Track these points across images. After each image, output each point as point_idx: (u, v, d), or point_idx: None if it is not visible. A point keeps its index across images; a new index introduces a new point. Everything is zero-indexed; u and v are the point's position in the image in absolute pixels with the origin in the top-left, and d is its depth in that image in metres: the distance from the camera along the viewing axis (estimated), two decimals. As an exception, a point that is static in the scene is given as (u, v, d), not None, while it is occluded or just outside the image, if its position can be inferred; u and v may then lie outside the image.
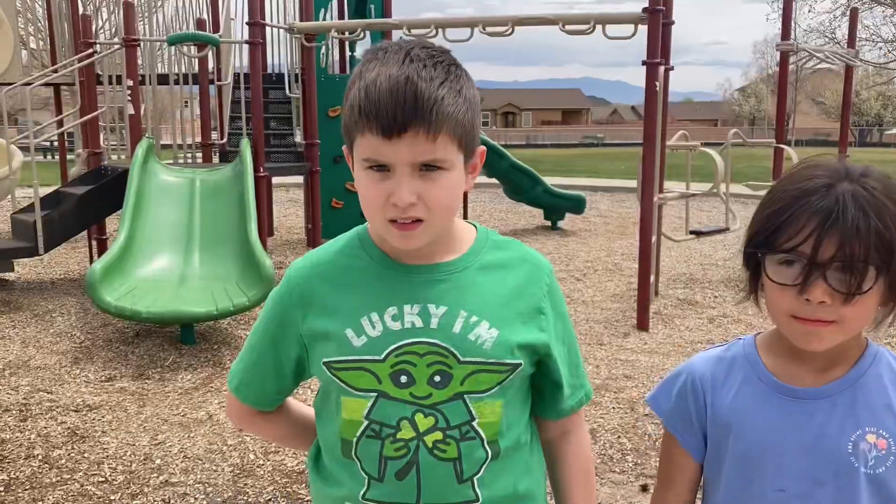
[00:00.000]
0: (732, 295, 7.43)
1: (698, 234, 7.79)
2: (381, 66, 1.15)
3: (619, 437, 4.17)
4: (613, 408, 4.57)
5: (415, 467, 1.22)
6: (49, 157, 22.71)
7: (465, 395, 1.22)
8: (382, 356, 1.22)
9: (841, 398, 1.26)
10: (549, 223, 11.68)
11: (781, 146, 8.36)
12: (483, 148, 1.28)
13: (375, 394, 1.23)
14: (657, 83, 5.78)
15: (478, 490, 1.24)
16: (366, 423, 1.24)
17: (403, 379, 1.22)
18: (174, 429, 4.18)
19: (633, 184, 17.64)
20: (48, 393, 4.72)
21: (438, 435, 1.22)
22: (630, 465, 3.83)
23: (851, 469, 1.23)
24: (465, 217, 11.35)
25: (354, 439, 1.25)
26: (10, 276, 7.59)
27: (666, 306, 6.88)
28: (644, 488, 3.58)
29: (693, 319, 6.50)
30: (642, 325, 6.14)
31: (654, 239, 6.33)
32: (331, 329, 1.25)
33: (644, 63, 5.78)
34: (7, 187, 9.18)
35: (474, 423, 1.23)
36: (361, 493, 1.25)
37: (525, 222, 12.23)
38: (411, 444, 1.22)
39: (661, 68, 5.99)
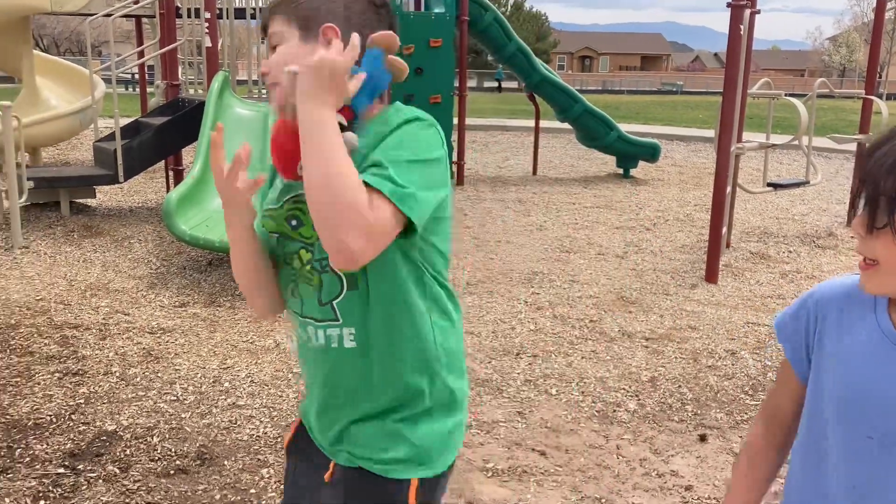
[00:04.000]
0: (808, 250, 7.21)
1: (776, 186, 7.54)
2: None
3: (679, 386, 4.14)
4: (675, 357, 4.53)
5: (297, 290, 1.49)
6: (129, 88, 23.31)
7: None
8: (280, 204, 1.48)
9: None
10: (620, 171, 11.47)
11: (871, 97, 7.96)
12: (330, 26, 1.40)
13: (277, 234, 1.50)
14: (741, 27, 5.55)
15: (337, 312, 1.45)
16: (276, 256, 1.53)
17: (294, 223, 1.46)
18: (242, 355, 4.33)
19: (712, 133, 17.13)
20: (125, 315, 4.93)
21: (308, 266, 1.46)
22: (689, 414, 3.81)
23: None
24: (535, 162, 11.24)
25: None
26: (91, 202, 7.89)
27: (737, 259, 6.72)
28: (702, 438, 3.56)
29: (764, 274, 6.34)
30: (711, 277, 6.02)
31: (728, 190, 6.16)
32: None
33: (729, 5, 5.54)
34: (90, 117, 9.49)
35: None
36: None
37: (596, 169, 12.03)
38: (296, 272, 1.48)
39: (747, 11, 5.74)
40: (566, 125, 11.82)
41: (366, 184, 1.27)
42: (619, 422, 3.71)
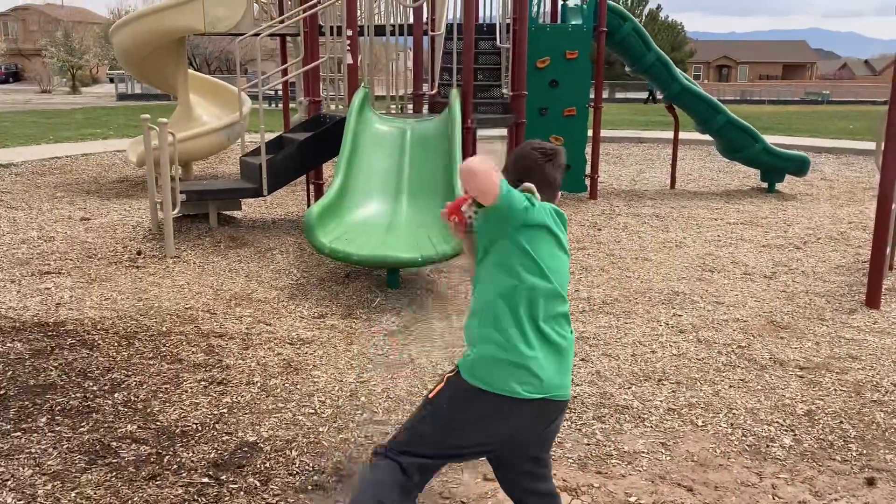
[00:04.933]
0: (984, 275, 6.55)
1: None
2: None
3: (840, 422, 3.81)
4: (835, 389, 4.19)
5: None
6: (273, 104, 24.37)
7: None
8: None
9: None
10: (765, 185, 10.88)
11: None
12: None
13: None
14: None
15: None
16: None
17: None
18: (377, 369, 4.34)
19: (865, 145, 16.04)
20: (267, 325, 5.07)
21: None
22: (854, 454, 3.49)
23: None
24: (672, 175, 10.84)
25: None
26: (237, 214, 8.23)
27: (901, 283, 6.19)
28: (870, 482, 3.25)
29: (934, 300, 5.80)
30: (873, 301, 5.56)
31: (893, 206, 5.68)
32: None
33: (898, 8, 5.11)
34: (237, 132, 9.94)
35: None
36: None
37: (739, 183, 11.48)
38: None
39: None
40: (704, 136, 11.35)
41: None
42: (773, 458, 3.44)
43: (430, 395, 2.39)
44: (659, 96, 35.69)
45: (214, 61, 51.24)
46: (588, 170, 10.12)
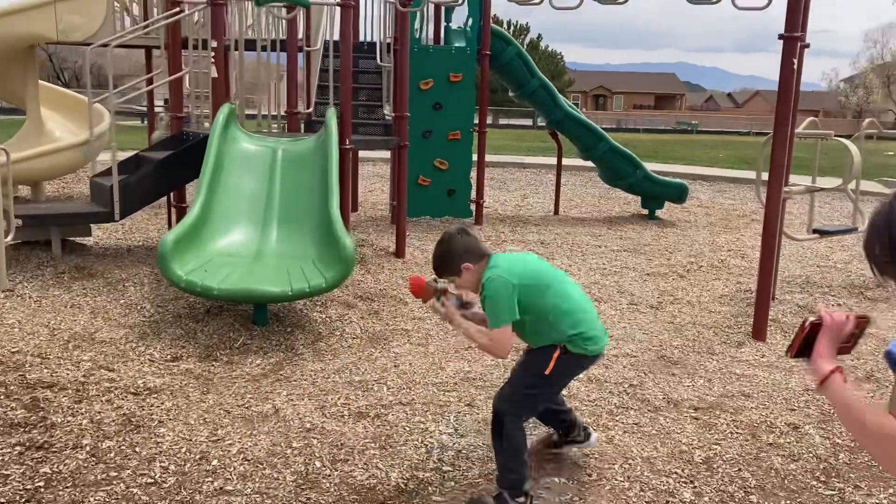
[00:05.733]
0: (857, 303, 6.63)
1: (823, 233, 6.97)
2: None
3: (739, 469, 3.56)
4: (731, 432, 3.96)
5: None
6: (145, 122, 23.06)
7: None
8: None
9: None
10: (646, 211, 10.93)
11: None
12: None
13: None
14: (794, 60, 5.05)
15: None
16: None
17: None
18: (236, 423, 3.79)
19: (736, 174, 16.60)
20: (109, 371, 4.41)
21: None
22: (756, 509, 3.23)
23: None
24: (556, 201, 10.72)
25: None
26: (88, 240, 7.41)
27: (784, 313, 6.14)
28: (778, 543, 2.97)
29: (816, 330, 5.75)
30: (759, 334, 5.45)
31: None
32: None
33: (781, 37, 5.05)
34: (97, 149, 9.06)
35: None
36: None
37: (619, 209, 11.51)
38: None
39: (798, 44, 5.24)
40: (587, 163, 11.32)
41: None
42: (675, 518, 3.13)
43: None
44: (522, 123, 36.29)
45: (86, 76, 48.55)
46: (473, 195, 9.84)
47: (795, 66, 5.15)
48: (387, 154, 11.59)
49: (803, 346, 1.69)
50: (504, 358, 3.18)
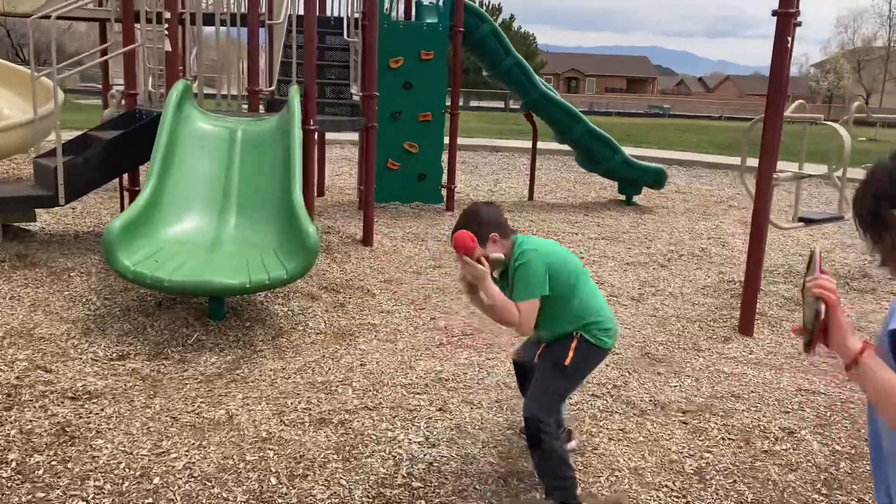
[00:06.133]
0: (844, 293, 6.39)
1: (809, 221, 6.72)
2: None
3: (734, 481, 3.28)
4: (723, 438, 3.67)
5: None
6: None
7: None
8: None
9: None
10: (622, 197, 10.65)
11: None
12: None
13: None
14: (789, 38, 4.75)
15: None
16: None
17: None
18: (184, 432, 3.42)
19: (712, 158, 16.39)
20: (46, 372, 4.01)
21: None
22: (758, 529, 2.94)
23: None
24: (531, 186, 10.40)
25: None
26: (32, 226, 6.94)
27: (770, 306, 5.89)
28: (783, 570, 2.69)
29: (804, 324, 5.50)
30: (746, 329, 5.18)
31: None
32: None
33: (775, 13, 4.74)
34: (47, 128, 8.53)
35: None
36: None
37: (596, 195, 11.22)
38: None
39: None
40: (562, 146, 11.00)
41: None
42: (669, 541, 2.83)
43: None
44: (492, 105, 35.74)
45: (45, 51, 47.20)
46: (444, 179, 9.47)
47: (790, 44, 4.85)
48: (356, 136, 11.16)
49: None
50: (527, 335, 3.14)
